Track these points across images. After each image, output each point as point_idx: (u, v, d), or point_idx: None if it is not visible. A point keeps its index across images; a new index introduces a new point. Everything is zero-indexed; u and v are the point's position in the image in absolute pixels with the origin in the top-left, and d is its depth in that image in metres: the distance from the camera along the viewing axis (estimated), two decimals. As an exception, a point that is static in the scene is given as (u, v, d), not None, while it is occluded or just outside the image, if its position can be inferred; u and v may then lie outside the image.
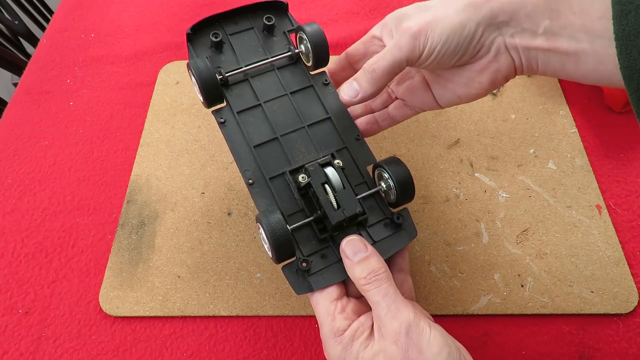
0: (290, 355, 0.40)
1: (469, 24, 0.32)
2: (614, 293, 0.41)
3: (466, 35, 0.32)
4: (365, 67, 0.35)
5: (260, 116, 0.38)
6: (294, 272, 0.33)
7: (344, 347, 0.31)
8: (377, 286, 0.31)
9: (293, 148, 0.37)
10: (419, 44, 0.33)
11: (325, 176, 0.34)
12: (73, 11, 0.68)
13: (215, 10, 0.40)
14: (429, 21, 0.33)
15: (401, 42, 0.33)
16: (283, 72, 0.40)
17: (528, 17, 0.31)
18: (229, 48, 0.40)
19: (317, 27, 0.38)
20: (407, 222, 0.36)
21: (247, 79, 0.39)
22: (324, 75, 0.40)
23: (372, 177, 0.37)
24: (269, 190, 0.35)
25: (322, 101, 0.39)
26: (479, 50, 0.33)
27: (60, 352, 0.40)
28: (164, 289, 0.43)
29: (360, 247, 0.32)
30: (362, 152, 0.37)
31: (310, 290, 0.33)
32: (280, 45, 0.41)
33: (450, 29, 0.32)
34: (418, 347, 0.29)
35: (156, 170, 0.50)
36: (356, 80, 0.36)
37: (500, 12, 0.31)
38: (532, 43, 0.31)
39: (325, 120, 0.38)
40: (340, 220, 0.33)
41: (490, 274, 0.43)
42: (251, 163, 0.36)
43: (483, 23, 0.32)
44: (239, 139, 0.37)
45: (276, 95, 0.39)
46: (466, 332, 0.40)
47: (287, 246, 0.31)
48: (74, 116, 0.56)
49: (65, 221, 0.47)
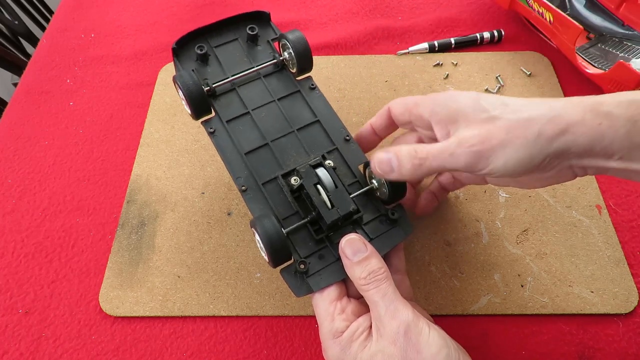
0: (290, 355, 0.40)
1: (538, 156, 0.29)
2: (614, 293, 0.41)
3: (532, 166, 0.29)
4: (413, 152, 0.32)
5: (249, 124, 0.38)
6: (292, 274, 0.33)
7: (342, 348, 0.31)
8: (377, 286, 0.31)
9: (284, 153, 0.37)
10: (478, 163, 0.30)
11: (317, 177, 0.35)
12: (73, 11, 0.68)
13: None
14: (493, 145, 0.29)
15: (458, 154, 0.30)
16: (269, 79, 0.40)
17: (604, 150, 0.28)
18: (215, 60, 0.40)
19: (299, 34, 0.39)
20: (402, 217, 0.36)
21: (234, 88, 0.39)
22: (310, 80, 0.41)
23: (364, 176, 0.38)
24: (262, 195, 0.35)
25: (309, 105, 0.39)
26: (542, 172, 0.30)
27: (60, 352, 0.40)
28: (164, 289, 0.43)
29: (360, 247, 0.32)
30: (352, 152, 0.38)
31: (309, 292, 0.33)
32: (264, 54, 0.41)
33: (515, 160, 0.29)
34: (416, 348, 0.29)
35: (156, 170, 0.50)
36: (397, 158, 0.32)
37: (574, 145, 0.28)
38: (605, 165, 0.29)
39: (314, 124, 0.39)
40: (335, 219, 0.33)
41: (490, 274, 0.43)
42: (243, 170, 0.36)
43: (553, 155, 0.29)
44: (229, 147, 0.37)
45: (264, 102, 0.39)
46: (466, 332, 0.40)
47: (283, 250, 0.32)
48: (74, 116, 0.56)
49: (65, 221, 0.47)
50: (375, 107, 0.55)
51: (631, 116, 0.27)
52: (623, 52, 0.52)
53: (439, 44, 0.59)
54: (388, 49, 0.61)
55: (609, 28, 0.55)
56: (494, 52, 0.59)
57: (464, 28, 0.63)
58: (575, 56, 0.53)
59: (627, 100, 0.27)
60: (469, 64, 0.58)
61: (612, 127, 0.27)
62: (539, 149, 0.28)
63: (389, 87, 0.57)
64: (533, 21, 0.59)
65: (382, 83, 0.57)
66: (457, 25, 0.63)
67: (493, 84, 0.56)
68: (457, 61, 0.58)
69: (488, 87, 0.56)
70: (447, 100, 0.32)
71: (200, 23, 0.40)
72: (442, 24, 0.63)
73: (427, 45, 0.59)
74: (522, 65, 0.58)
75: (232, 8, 0.65)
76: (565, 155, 0.29)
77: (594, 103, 0.28)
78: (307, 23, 0.65)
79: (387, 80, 0.57)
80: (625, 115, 0.27)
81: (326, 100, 0.40)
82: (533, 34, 0.61)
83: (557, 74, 0.57)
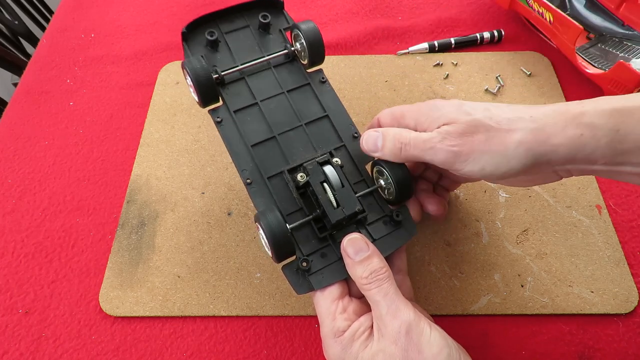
0: (290, 355, 0.40)
1: (516, 165, 0.29)
2: (614, 293, 0.41)
3: (511, 173, 0.30)
4: (398, 135, 0.33)
5: (257, 115, 0.37)
6: (294, 271, 0.33)
7: (344, 348, 0.31)
8: (378, 286, 0.31)
9: (291, 147, 0.36)
10: (455, 163, 0.31)
11: (324, 175, 0.34)
12: (73, 11, 0.68)
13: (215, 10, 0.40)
14: (473, 149, 0.30)
15: (438, 149, 0.31)
16: (279, 70, 0.39)
17: (586, 157, 0.28)
18: (225, 47, 0.39)
19: (312, 24, 0.38)
20: (407, 219, 0.36)
21: (243, 77, 0.38)
22: (321, 73, 0.40)
23: (370, 175, 0.37)
24: (267, 189, 0.35)
25: (319, 99, 0.39)
26: (524, 175, 0.31)
27: (60, 352, 0.40)
28: (164, 289, 0.43)
29: (362, 246, 0.32)
30: (360, 149, 0.37)
31: (310, 290, 0.33)
32: (276, 43, 0.40)
33: (493, 166, 0.30)
34: (418, 347, 0.29)
35: (156, 170, 0.50)
36: (384, 138, 0.34)
37: (554, 155, 0.29)
38: (589, 168, 0.29)
39: (322, 119, 0.38)
40: (340, 219, 0.33)
41: (490, 274, 0.43)
42: (249, 162, 0.36)
43: (532, 164, 0.29)
44: (236, 138, 0.36)
45: (273, 93, 0.38)
46: (466, 332, 0.40)
47: (286, 245, 0.31)
48: (74, 116, 0.56)
49: (65, 221, 0.47)
50: (375, 107, 0.55)
51: (613, 125, 0.27)
52: (623, 52, 0.52)
53: (439, 44, 0.60)
54: (388, 49, 0.61)
55: (609, 28, 0.55)
56: (494, 52, 0.59)
57: (464, 28, 0.63)
58: (575, 56, 0.53)
59: (609, 109, 0.27)
60: (469, 64, 0.58)
61: (594, 137, 0.27)
62: (518, 159, 0.29)
63: (389, 87, 0.57)
64: (533, 21, 0.59)
65: (382, 83, 0.57)
66: (457, 25, 0.63)
67: (493, 84, 0.56)
68: (457, 61, 0.58)
69: (488, 87, 0.56)
70: (431, 108, 0.33)
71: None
72: (442, 24, 0.63)
73: (427, 45, 0.59)
74: (522, 65, 0.58)
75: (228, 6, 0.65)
76: (546, 163, 0.29)
77: (576, 114, 0.28)
78: (307, 23, 0.65)
79: (387, 80, 0.57)
80: (607, 125, 0.27)
81: (336, 95, 0.39)
82: (533, 34, 0.61)
83: (557, 74, 0.57)
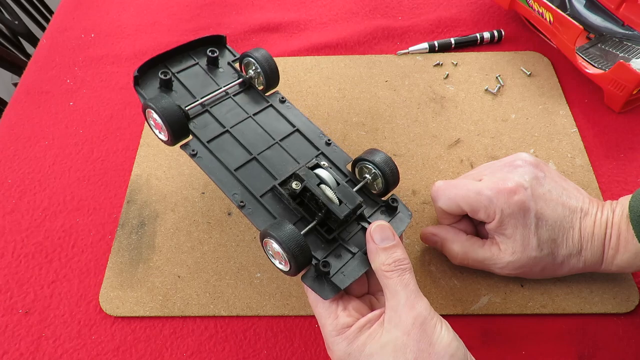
0: (290, 355, 0.40)
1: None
2: (614, 293, 0.41)
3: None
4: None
5: (231, 141, 0.38)
6: (313, 279, 0.33)
7: (350, 342, 0.31)
8: (400, 275, 0.31)
9: (273, 164, 0.37)
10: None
11: (319, 177, 0.35)
12: (73, 11, 0.68)
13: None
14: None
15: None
16: (239, 98, 0.41)
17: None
18: (179, 85, 0.40)
19: (265, 52, 0.41)
20: (401, 205, 0.38)
21: (206, 109, 0.39)
22: (278, 94, 0.42)
23: (353, 174, 0.39)
24: (262, 208, 0.35)
25: (284, 117, 0.40)
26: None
27: (60, 352, 0.40)
28: (164, 289, 0.43)
29: (389, 235, 0.33)
30: (337, 153, 0.39)
31: (337, 292, 0.32)
32: (228, 75, 0.42)
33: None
34: (429, 340, 0.29)
35: (156, 170, 0.50)
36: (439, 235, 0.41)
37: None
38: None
39: (293, 133, 0.40)
40: (348, 213, 0.33)
41: (490, 274, 0.43)
42: (237, 186, 0.36)
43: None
44: (216, 166, 0.37)
45: (240, 119, 0.39)
46: (466, 332, 0.40)
47: (305, 254, 0.31)
48: (74, 116, 0.56)
49: (65, 221, 0.47)
50: (375, 107, 0.55)
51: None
52: (623, 52, 0.52)
53: (439, 44, 0.60)
54: (388, 49, 0.61)
55: (609, 28, 0.55)
56: (494, 52, 0.59)
57: (464, 28, 0.63)
58: (575, 56, 0.53)
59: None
60: (469, 64, 0.58)
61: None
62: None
63: (389, 87, 0.57)
64: (533, 21, 0.59)
65: (382, 83, 0.57)
66: (457, 25, 0.63)
67: (493, 84, 0.56)
68: (457, 61, 0.58)
69: (488, 87, 0.56)
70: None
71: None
72: (442, 24, 0.63)
73: (427, 45, 0.59)
74: (522, 65, 0.58)
75: (232, 8, 0.65)
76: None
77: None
78: (307, 23, 0.65)
79: (387, 80, 0.57)
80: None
81: (299, 110, 0.41)
82: (533, 34, 0.61)
83: (557, 74, 0.57)
